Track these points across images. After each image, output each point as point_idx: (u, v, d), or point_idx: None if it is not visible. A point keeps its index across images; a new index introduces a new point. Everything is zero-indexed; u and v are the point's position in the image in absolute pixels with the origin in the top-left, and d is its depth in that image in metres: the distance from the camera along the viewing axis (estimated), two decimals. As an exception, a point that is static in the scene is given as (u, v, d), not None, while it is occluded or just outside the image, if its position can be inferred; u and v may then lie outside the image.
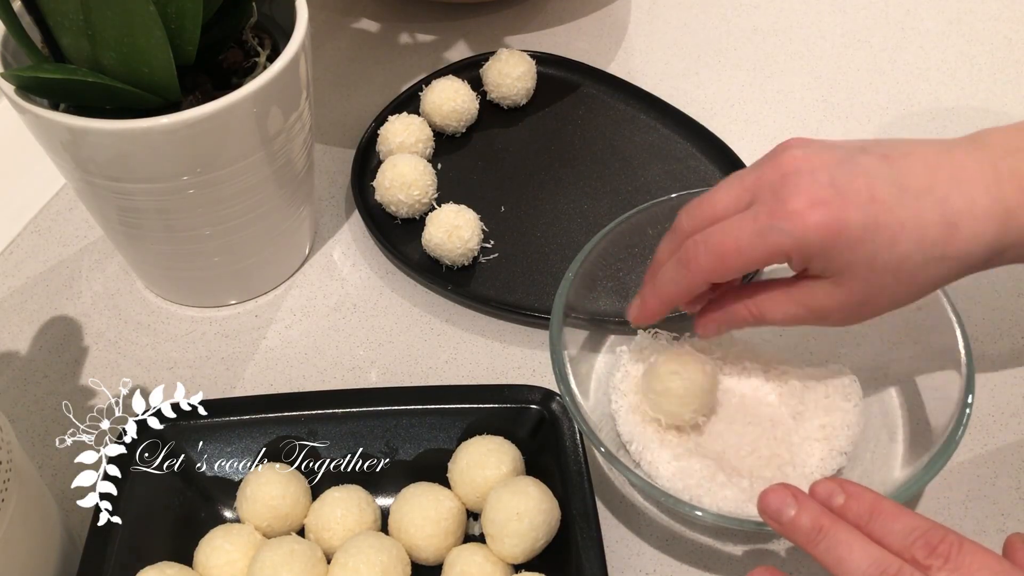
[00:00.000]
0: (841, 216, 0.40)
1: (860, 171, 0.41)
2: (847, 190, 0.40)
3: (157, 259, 0.56)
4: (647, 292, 0.47)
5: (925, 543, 0.36)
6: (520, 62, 0.68)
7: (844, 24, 0.79)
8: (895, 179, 0.40)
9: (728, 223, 0.42)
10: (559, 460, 0.46)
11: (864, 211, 0.40)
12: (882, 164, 0.41)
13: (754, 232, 0.41)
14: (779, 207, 0.40)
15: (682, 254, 0.43)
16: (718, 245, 0.42)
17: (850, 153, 0.41)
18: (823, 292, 0.42)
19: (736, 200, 0.43)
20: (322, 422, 0.48)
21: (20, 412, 0.54)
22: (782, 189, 0.41)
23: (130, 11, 0.44)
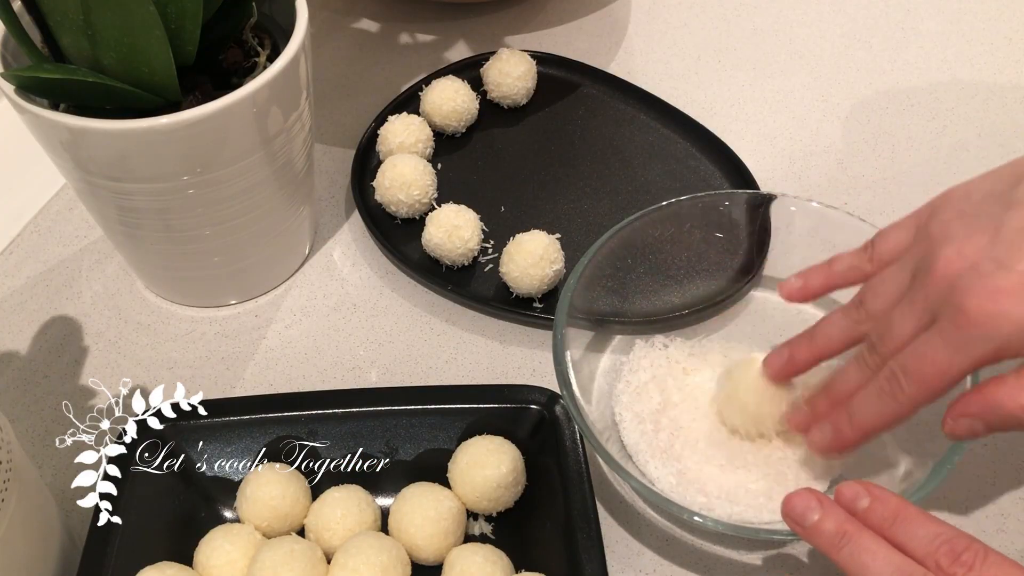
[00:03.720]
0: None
1: (1019, 236, 0.38)
2: (1018, 264, 0.37)
3: (157, 259, 0.56)
4: (842, 423, 0.43)
5: (949, 550, 0.36)
6: (521, 62, 0.68)
7: (844, 24, 0.79)
8: None
9: (921, 347, 0.39)
10: (559, 460, 0.46)
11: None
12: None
13: (950, 350, 0.38)
14: (963, 317, 0.38)
15: (884, 385, 0.41)
16: (919, 372, 0.39)
17: (998, 218, 0.39)
18: None
19: (918, 322, 0.40)
20: (322, 422, 0.48)
21: (20, 412, 0.54)
22: (954, 297, 0.38)
23: (130, 11, 0.44)
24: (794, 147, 0.69)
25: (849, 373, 0.44)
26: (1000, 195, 0.40)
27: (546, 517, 0.46)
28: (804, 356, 0.46)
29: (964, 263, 0.38)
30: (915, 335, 0.40)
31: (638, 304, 0.55)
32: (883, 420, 0.42)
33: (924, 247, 0.41)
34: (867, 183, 0.66)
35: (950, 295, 0.38)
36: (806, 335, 0.46)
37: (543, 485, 0.47)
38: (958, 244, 0.39)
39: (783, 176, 0.66)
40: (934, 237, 0.41)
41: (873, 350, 0.42)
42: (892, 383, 0.41)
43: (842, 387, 0.44)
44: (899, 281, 0.42)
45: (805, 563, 0.47)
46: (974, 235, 0.39)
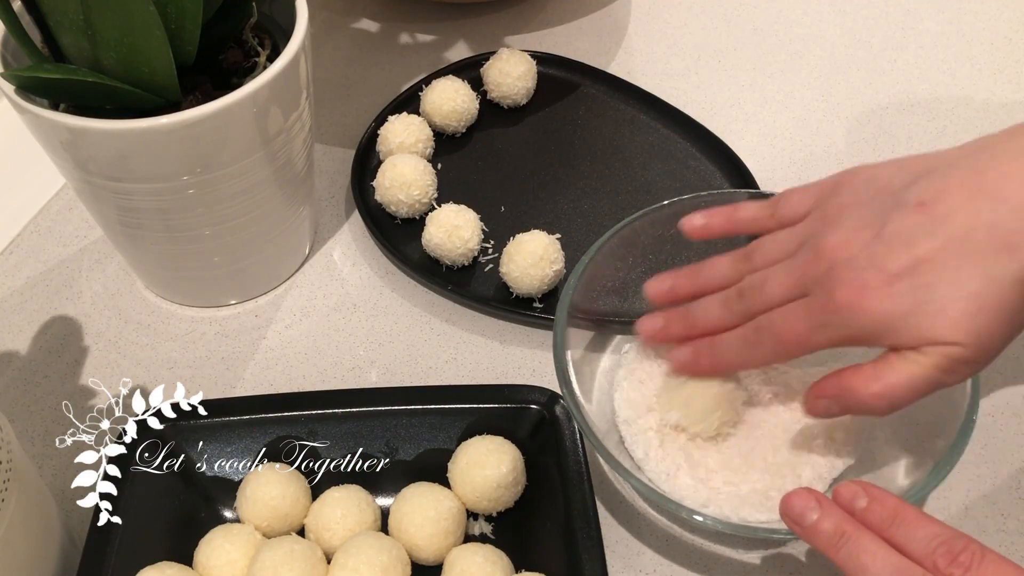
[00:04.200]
0: (888, 292, 0.40)
1: (898, 239, 0.40)
2: (888, 264, 0.40)
3: (157, 259, 0.56)
4: (702, 351, 0.47)
5: (947, 551, 0.36)
6: (521, 61, 0.68)
7: (844, 24, 0.79)
8: (936, 227, 0.40)
9: (788, 314, 0.43)
10: (559, 460, 0.46)
11: (912, 278, 0.39)
12: (919, 217, 0.40)
13: (811, 325, 0.42)
14: (829, 301, 0.41)
15: (748, 335, 0.45)
16: (781, 335, 0.43)
17: (886, 215, 0.41)
18: (925, 363, 0.40)
19: (788, 290, 0.43)
20: (322, 422, 0.48)
21: (20, 412, 0.54)
22: (827, 282, 0.41)
23: (130, 11, 0.44)
24: (794, 147, 0.69)
25: (711, 307, 0.47)
26: (895, 191, 0.42)
27: (546, 517, 0.46)
28: (686, 287, 0.49)
29: (845, 253, 0.41)
30: (782, 299, 0.44)
31: (638, 304, 0.55)
32: (739, 363, 0.46)
33: (818, 222, 0.44)
34: (867, 183, 0.66)
35: (824, 279, 0.42)
36: (692, 269, 0.49)
37: (543, 485, 0.47)
38: (844, 233, 0.42)
39: (783, 176, 0.66)
40: (829, 217, 0.43)
41: (741, 297, 0.46)
42: (756, 335, 0.44)
43: (701, 318, 0.47)
44: (787, 245, 0.45)
45: (804, 563, 0.47)
46: (861, 228, 0.42)
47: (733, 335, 0.45)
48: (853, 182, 0.44)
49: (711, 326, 0.47)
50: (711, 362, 0.47)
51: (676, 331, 0.48)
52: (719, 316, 0.46)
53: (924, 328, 0.39)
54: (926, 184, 0.41)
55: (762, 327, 0.44)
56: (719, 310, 0.46)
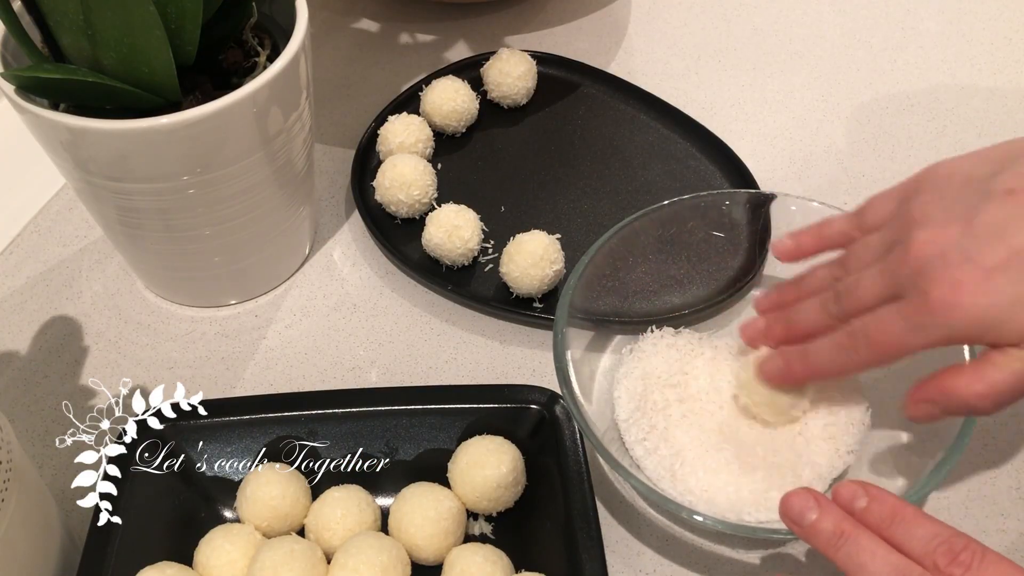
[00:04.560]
0: (985, 288, 0.38)
1: (990, 231, 0.39)
2: (982, 258, 0.39)
3: (157, 259, 0.56)
4: (794, 359, 0.46)
5: (947, 550, 0.36)
6: (521, 61, 0.68)
7: (844, 24, 0.79)
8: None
9: (882, 318, 0.42)
10: (559, 460, 0.46)
11: (1008, 271, 0.38)
12: (1009, 206, 0.39)
13: (907, 329, 0.41)
14: (923, 302, 0.40)
15: (844, 340, 0.44)
16: (877, 339, 0.42)
17: (975, 207, 0.40)
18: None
19: (881, 293, 0.43)
20: (322, 422, 0.48)
21: (20, 412, 0.54)
22: (919, 282, 0.40)
23: (130, 11, 0.44)
24: (794, 147, 0.69)
25: (810, 311, 0.46)
26: (980, 181, 0.41)
27: (546, 517, 0.46)
28: (788, 296, 0.49)
29: (935, 249, 0.40)
30: (876, 301, 0.43)
31: (638, 304, 0.55)
32: (834, 370, 0.45)
33: (903, 223, 0.43)
34: (867, 183, 0.66)
35: (917, 278, 0.40)
36: (793, 282, 0.49)
37: (543, 485, 0.47)
38: (932, 230, 0.41)
39: (783, 176, 0.66)
40: (913, 216, 0.42)
41: (837, 300, 0.45)
42: (852, 340, 0.43)
43: (800, 320, 0.47)
44: (877, 249, 0.44)
45: (804, 563, 0.47)
46: (949, 223, 0.40)
47: (826, 341, 0.45)
48: (934, 178, 0.43)
49: (809, 328, 0.46)
50: (804, 370, 0.46)
51: (777, 333, 0.48)
52: (816, 318, 0.46)
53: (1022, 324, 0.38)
54: (1012, 172, 0.40)
55: (856, 332, 0.43)
56: (816, 312, 0.46)
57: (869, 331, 0.42)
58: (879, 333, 0.42)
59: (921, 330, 0.40)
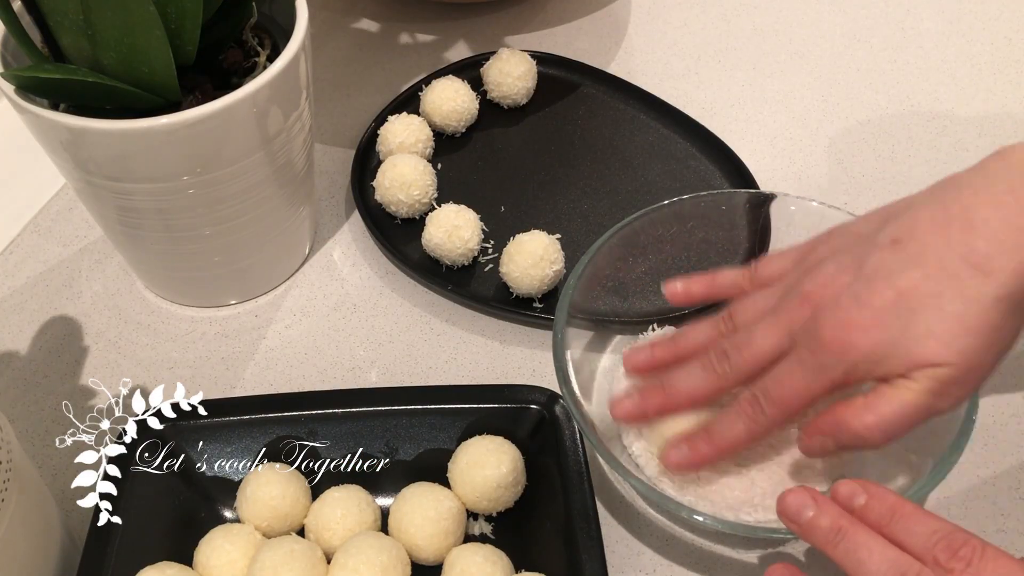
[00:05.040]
0: (876, 324, 0.40)
1: (878, 275, 0.41)
2: (873, 300, 0.41)
3: (157, 259, 0.56)
4: (700, 442, 0.45)
5: (947, 546, 0.36)
6: (521, 61, 0.68)
7: (844, 24, 0.79)
8: (912, 261, 0.41)
9: (780, 373, 0.43)
10: (559, 460, 0.46)
11: (896, 308, 0.40)
12: (894, 254, 0.41)
13: (807, 375, 0.42)
14: (818, 345, 0.42)
15: (745, 409, 0.44)
16: (779, 397, 0.43)
17: (861, 259, 0.42)
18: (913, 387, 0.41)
19: (776, 343, 0.44)
20: (322, 422, 0.48)
21: (20, 412, 0.54)
22: (813, 326, 0.42)
23: (130, 11, 0.44)
24: (794, 147, 0.69)
25: (692, 373, 0.46)
26: (868, 236, 0.43)
27: (546, 517, 0.46)
28: (665, 352, 0.48)
29: (828, 293, 0.42)
30: (773, 353, 0.44)
31: (638, 304, 0.55)
32: (743, 440, 0.45)
33: (798, 275, 0.45)
34: (867, 183, 0.66)
35: (811, 323, 0.42)
36: (670, 338, 0.49)
37: (543, 485, 0.47)
38: (825, 278, 0.43)
39: (783, 176, 0.66)
40: (809, 267, 0.44)
41: (724, 357, 0.45)
42: (754, 406, 0.44)
43: (680, 386, 0.46)
44: (768, 301, 0.46)
45: (804, 562, 0.47)
46: (841, 272, 0.43)
47: (729, 416, 0.45)
48: (829, 239, 0.46)
49: (694, 392, 0.46)
50: (712, 450, 0.45)
51: (653, 405, 0.47)
52: (701, 380, 0.45)
53: (914, 352, 0.40)
54: (896, 224, 0.42)
55: (757, 395, 0.44)
56: (701, 374, 0.45)
57: (769, 390, 0.43)
58: (780, 388, 0.43)
59: (820, 372, 0.42)
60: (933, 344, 0.40)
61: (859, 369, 0.41)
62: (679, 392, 0.46)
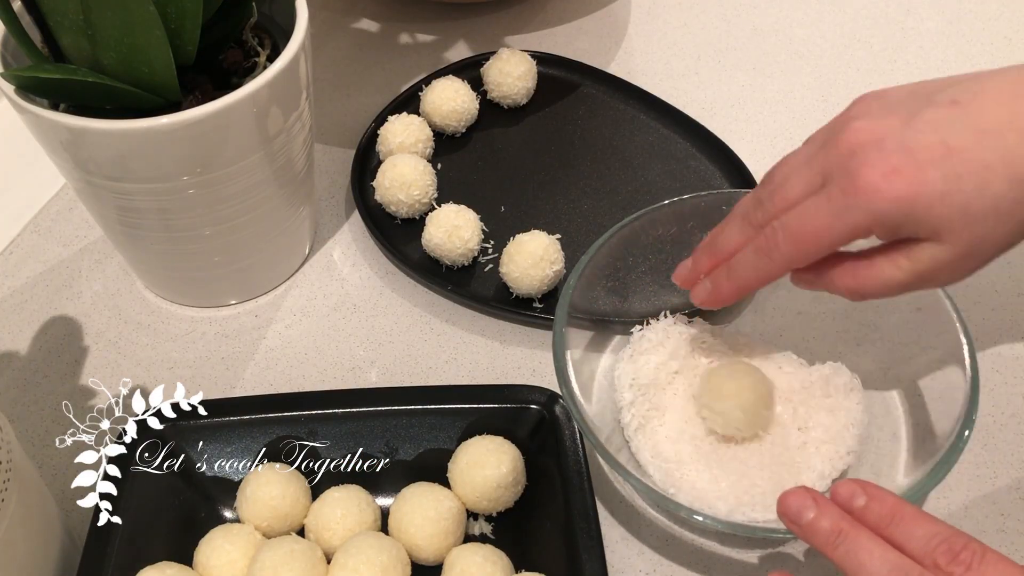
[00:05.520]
0: (918, 178, 0.38)
1: (930, 127, 0.39)
2: (919, 150, 0.38)
3: (157, 259, 0.56)
4: (720, 277, 0.45)
5: (947, 549, 0.36)
6: (521, 61, 0.68)
7: (844, 24, 0.79)
8: (970, 123, 0.38)
9: (804, 208, 0.41)
10: (559, 460, 0.46)
11: (942, 166, 0.38)
12: (952, 112, 0.39)
13: (831, 214, 0.40)
14: (851, 184, 0.39)
15: (762, 242, 0.43)
16: (797, 231, 0.41)
17: (916, 110, 0.40)
18: (925, 254, 0.39)
19: (808, 184, 0.41)
20: (322, 422, 0.48)
21: (20, 412, 0.54)
22: (851, 164, 0.39)
23: (130, 11, 0.44)
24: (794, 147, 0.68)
25: (731, 229, 0.45)
26: (922, 95, 0.41)
27: (546, 517, 0.46)
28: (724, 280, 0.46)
29: (871, 136, 0.40)
30: (803, 195, 0.42)
31: (638, 304, 0.55)
32: (758, 276, 0.44)
33: (840, 121, 0.42)
34: (867, 183, 0.66)
35: (848, 161, 0.40)
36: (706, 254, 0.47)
37: (543, 485, 0.47)
38: (871, 120, 0.40)
39: (783, 176, 0.66)
40: (852, 113, 0.42)
41: (759, 205, 0.44)
42: (769, 240, 0.42)
43: (724, 242, 0.45)
44: (806, 152, 0.43)
45: (804, 563, 0.47)
46: (889, 116, 0.40)
47: (747, 248, 0.43)
48: (878, 92, 0.42)
49: (736, 245, 0.45)
50: (731, 286, 0.44)
51: (705, 264, 0.46)
52: (740, 232, 0.44)
53: (943, 220, 0.38)
54: (959, 88, 0.40)
55: (776, 228, 0.42)
56: (739, 227, 0.44)
57: (789, 224, 0.41)
58: (800, 223, 0.41)
59: (845, 213, 0.39)
60: (964, 220, 0.38)
61: (884, 220, 0.39)
62: (721, 246, 0.45)
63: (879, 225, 0.39)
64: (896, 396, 0.50)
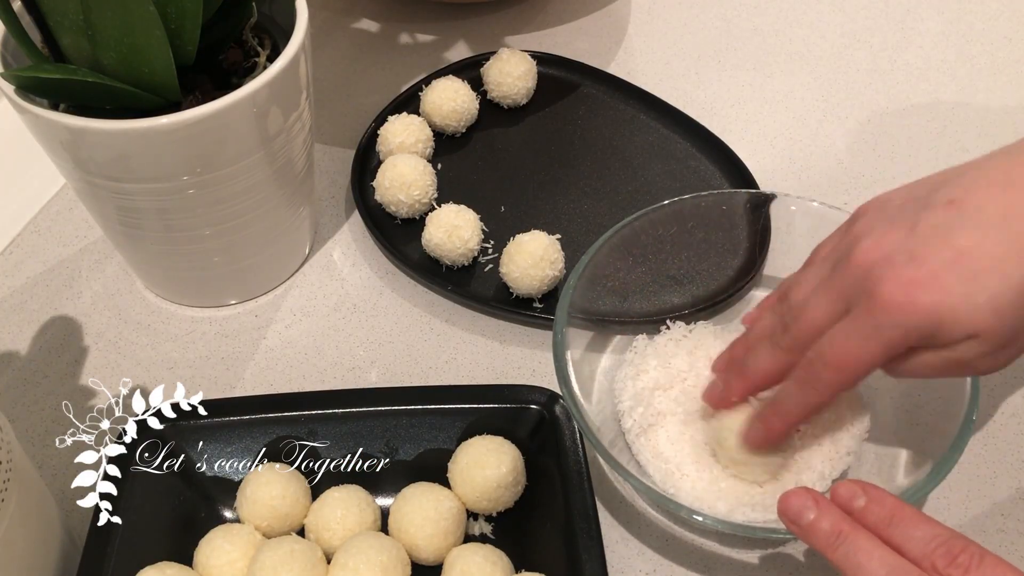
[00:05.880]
0: (936, 285, 0.38)
1: (933, 232, 0.39)
2: (929, 258, 0.39)
3: (157, 259, 0.56)
4: (770, 417, 0.45)
5: (946, 552, 0.36)
6: (521, 61, 0.68)
7: (844, 24, 0.79)
8: (971, 221, 0.39)
9: (835, 335, 0.41)
10: (559, 460, 0.46)
11: (956, 269, 0.38)
12: (951, 212, 0.39)
13: (863, 337, 0.40)
14: (874, 304, 0.39)
15: (803, 374, 0.43)
16: (835, 360, 0.41)
17: (916, 217, 0.40)
18: (962, 347, 0.39)
19: (831, 308, 0.42)
20: (322, 422, 0.48)
21: (20, 412, 0.54)
22: (868, 285, 0.40)
23: (130, 11, 0.44)
24: (794, 147, 0.69)
25: (760, 353, 0.45)
26: (919, 199, 0.41)
27: (546, 517, 0.46)
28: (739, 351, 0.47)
29: (880, 253, 0.40)
30: (827, 319, 0.42)
31: (638, 304, 0.55)
32: (807, 409, 0.44)
33: (846, 242, 0.43)
34: (867, 183, 0.66)
35: (864, 282, 0.40)
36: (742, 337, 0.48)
37: (543, 485, 0.47)
38: (876, 237, 0.41)
39: (783, 176, 0.66)
40: (856, 232, 0.42)
41: (786, 330, 0.44)
42: (811, 372, 0.42)
43: (753, 366, 0.45)
44: (820, 273, 0.44)
45: (803, 563, 0.47)
46: (891, 231, 0.40)
47: (789, 384, 0.44)
48: (872, 205, 0.43)
49: (765, 369, 0.45)
50: (781, 421, 0.44)
51: (737, 387, 0.46)
52: (770, 357, 0.45)
53: (973, 320, 0.38)
54: (951, 186, 0.40)
55: (813, 360, 0.42)
56: (768, 351, 0.45)
57: (825, 353, 0.42)
58: (835, 351, 0.41)
59: (876, 333, 0.40)
60: (991, 318, 0.38)
61: (918, 332, 0.39)
62: (752, 372, 0.46)
63: (913, 337, 0.39)
64: (895, 394, 0.50)
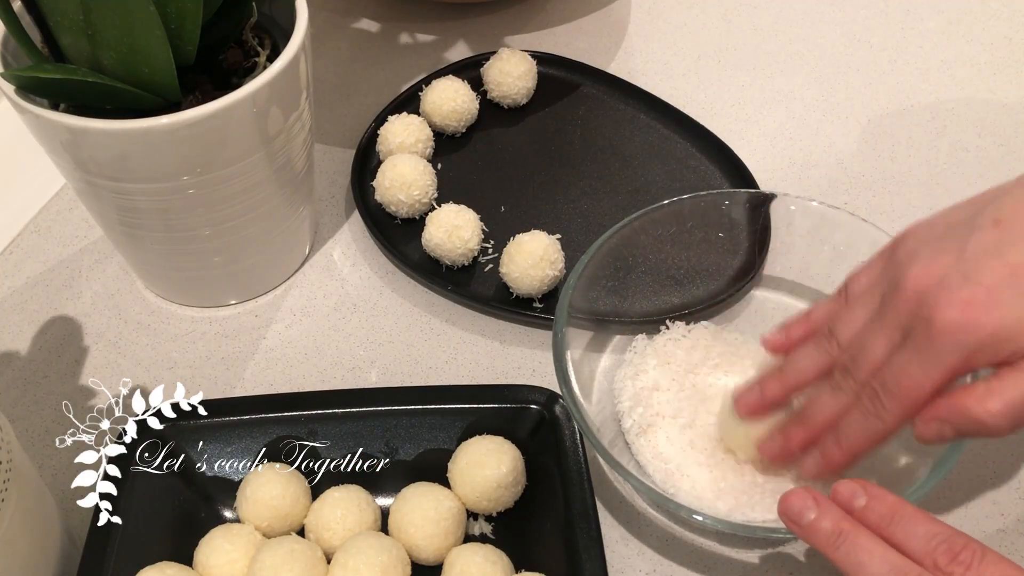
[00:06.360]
0: (992, 303, 0.38)
1: (984, 253, 0.39)
2: (983, 277, 0.39)
3: (157, 259, 0.56)
4: (829, 447, 0.44)
5: (947, 549, 0.36)
6: (521, 61, 0.68)
7: (844, 24, 0.79)
8: (1020, 237, 0.39)
9: (896, 364, 0.41)
10: (559, 460, 0.46)
11: (1012, 285, 0.38)
12: (999, 232, 0.39)
13: (925, 363, 0.40)
14: (932, 329, 0.39)
15: (867, 406, 0.42)
16: (898, 388, 0.41)
17: (963, 240, 0.40)
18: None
19: (889, 342, 0.41)
20: (322, 422, 0.48)
21: (20, 412, 0.54)
22: (923, 312, 0.40)
23: (130, 11, 0.44)
24: (794, 147, 0.69)
25: (824, 401, 0.44)
26: (963, 223, 0.41)
27: (546, 517, 0.46)
28: (775, 391, 0.46)
29: (931, 279, 0.40)
30: (887, 353, 0.41)
31: (638, 304, 0.55)
32: (870, 439, 0.42)
33: (892, 273, 0.42)
34: (867, 183, 0.66)
35: (920, 309, 0.40)
36: (776, 370, 0.46)
37: (543, 485, 0.47)
38: (925, 263, 0.41)
39: (783, 176, 0.66)
40: (901, 261, 0.42)
41: (847, 374, 0.43)
42: (875, 402, 0.42)
43: (818, 416, 0.44)
44: (868, 307, 0.43)
45: (803, 563, 0.47)
46: (940, 255, 0.40)
47: (852, 416, 0.43)
48: (914, 231, 0.43)
49: (831, 416, 0.44)
50: (843, 455, 0.43)
51: (799, 440, 0.45)
52: (836, 402, 0.44)
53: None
54: (995, 208, 0.40)
55: (876, 391, 0.41)
56: (832, 397, 0.44)
57: (887, 383, 0.41)
58: (897, 380, 0.41)
59: (938, 359, 0.39)
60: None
61: (981, 353, 0.39)
62: (820, 422, 0.44)
63: (976, 358, 0.39)
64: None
